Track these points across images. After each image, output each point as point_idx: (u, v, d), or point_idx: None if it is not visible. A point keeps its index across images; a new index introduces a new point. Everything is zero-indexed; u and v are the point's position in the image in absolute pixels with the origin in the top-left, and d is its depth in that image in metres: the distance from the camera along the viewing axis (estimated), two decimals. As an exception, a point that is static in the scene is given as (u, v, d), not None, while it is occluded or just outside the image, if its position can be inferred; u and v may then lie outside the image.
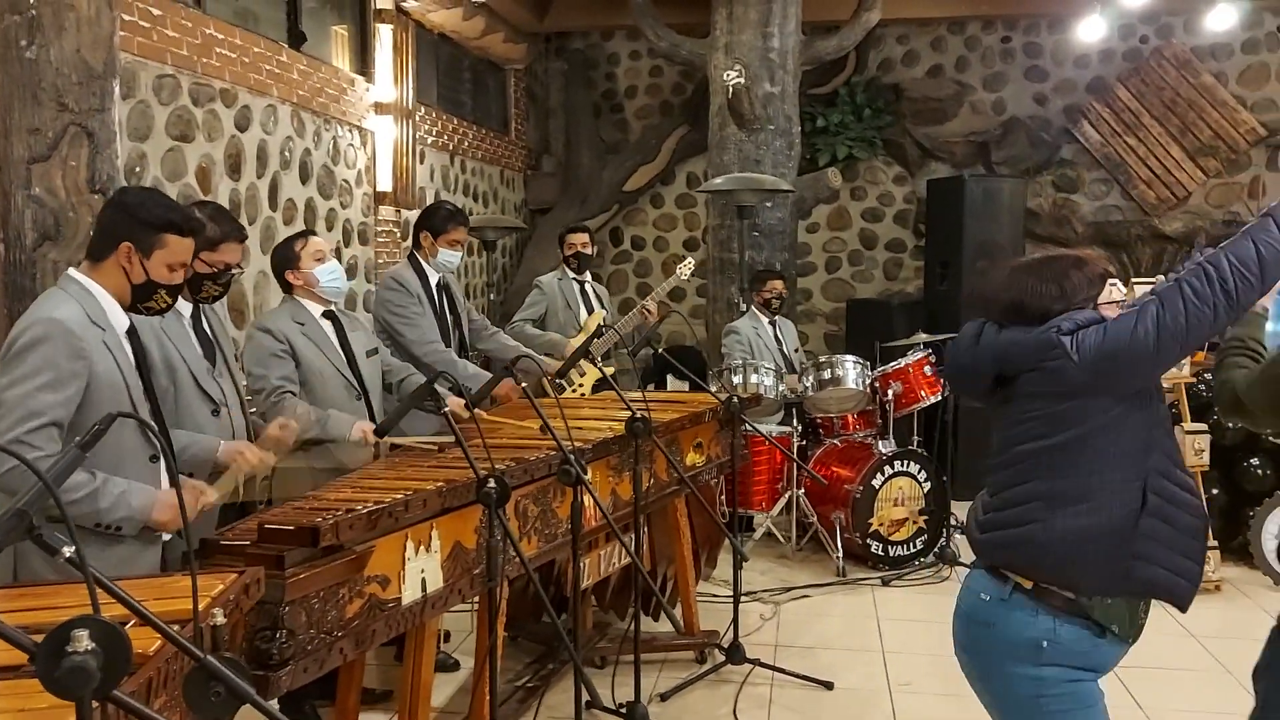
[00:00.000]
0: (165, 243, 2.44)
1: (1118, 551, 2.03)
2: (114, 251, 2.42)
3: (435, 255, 4.31)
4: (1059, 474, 2.08)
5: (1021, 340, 2.13)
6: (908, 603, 4.99)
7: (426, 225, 4.33)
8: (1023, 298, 2.16)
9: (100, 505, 2.29)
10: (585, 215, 8.74)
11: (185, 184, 4.67)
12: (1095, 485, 2.05)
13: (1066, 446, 2.07)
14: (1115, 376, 2.04)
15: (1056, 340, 2.06)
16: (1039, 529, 2.09)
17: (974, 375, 2.25)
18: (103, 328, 2.39)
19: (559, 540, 3.18)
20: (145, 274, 2.44)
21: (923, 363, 5.62)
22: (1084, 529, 2.04)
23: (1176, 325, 1.97)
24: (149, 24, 4.34)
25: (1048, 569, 2.10)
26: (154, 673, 1.44)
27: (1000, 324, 2.20)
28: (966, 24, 8.90)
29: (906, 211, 9.15)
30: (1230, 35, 8.28)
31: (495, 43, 8.09)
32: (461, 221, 4.34)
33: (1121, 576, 2.05)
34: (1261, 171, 8.44)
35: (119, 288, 2.45)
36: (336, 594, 2.28)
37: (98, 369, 2.34)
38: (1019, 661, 2.11)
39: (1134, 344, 1.99)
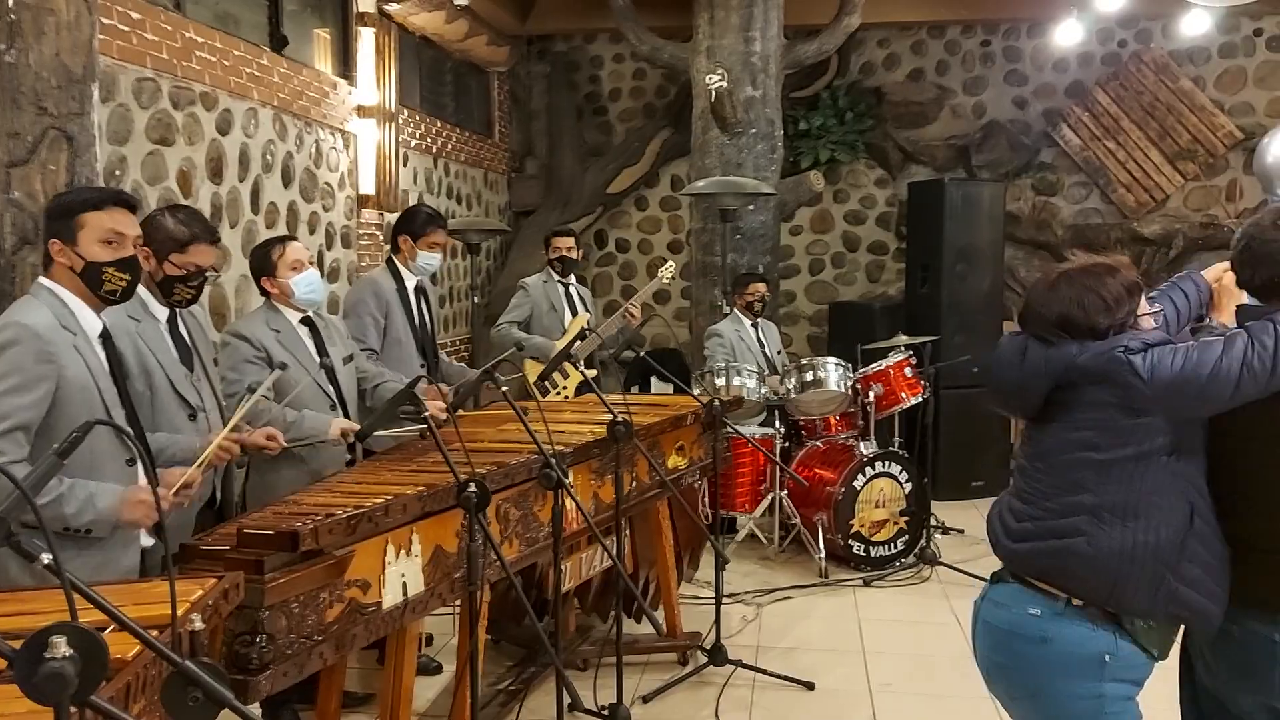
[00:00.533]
0: (83, 222, 2.45)
1: (1162, 572, 2.02)
2: (51, 255, 2.46)
3: (414, 259, 4.29)
4: (1111, 488, 2.06)
5: (1082, 358, 2.10)
6: (889, 603, 5.02)
7: (405, 229, 4.32)
8: (1069, 311, 2.14)
9: (65, 510, 2.29)
10: (569, 218, 8.75)
11: (166, 187, 4.65)
12: (1148, 504, 2.03)
13: (1124, 462, 2.05)
14: (1185, 404, 2.02)
15: (1125, 359, 2.04)
16: (1083, 542, 2.06)
17: (1025, 393, 2.21)
18: (73, 332, 2.40)
19: (540, 543, 3.19)
20: (81, 259, 2.44)
21: (903, 364, 5.66)
22: (1133, 546, 2.03)
23: (1262, 367, 1.96)
24: (128, 27, 4.33)
25: (1089, 584, 2.07)
26: (132, 678, 1.45)
27: (1045, 339, 2.17)
28: (947, 28, 8.95)
29: (888, 214, 9.19)
30: (1207, 40, 8.35)
31: (478, 46, 8.09)
32: (440, 224, 4.33)
33: (1166, 598, 2.03)
34: (1239, 175, 8.52)
35: (75, 286, 2.46)
36: (316, 598, 2.28)
37: (67, 373, 2.34)
38: (1078, 678, 2.08)
39: (1214, 378, 1.97)
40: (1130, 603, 2.06)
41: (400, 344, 4.24)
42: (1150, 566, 2.02)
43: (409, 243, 4.28)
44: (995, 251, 7.18)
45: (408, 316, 4.28)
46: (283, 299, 3.55)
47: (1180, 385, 1.99)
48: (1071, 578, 2.10)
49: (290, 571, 2.21)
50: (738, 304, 6.04)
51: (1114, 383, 2.05)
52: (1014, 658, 2.18)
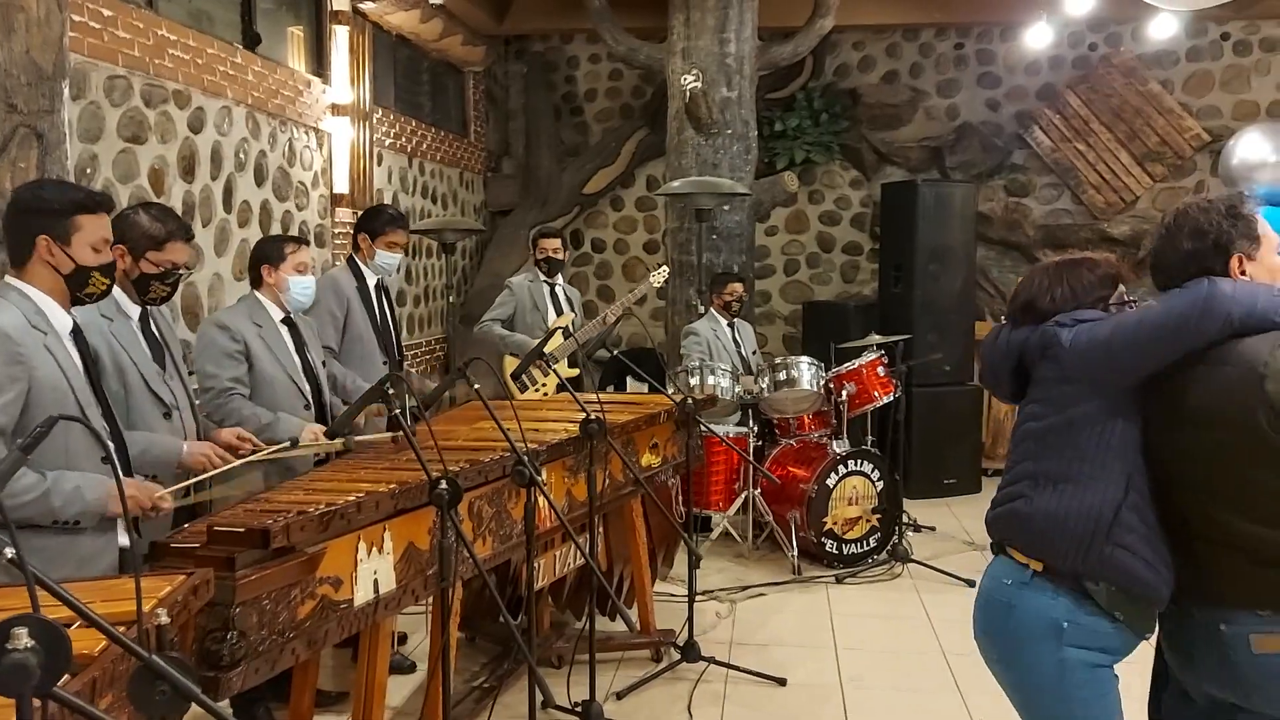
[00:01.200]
0: (79, 224, 2.43)
1: (1094, 533, 2.10)
2: (33, 250, 2.40)
3: (373, 257, 4.32)
4: (1047, 455, 2.19)
5: (1029, 336, 2.26)
6: (861, 599, 5.06)
7: (365, 227, 4.36)
8: (1033, 297, 2.29)
9: (54, 504, 2.30)
10: (546, 218, 8.76)
11: (138, 185, 4.63)
12: (1078, 471, 2.14)
13: (1057, 429, 2.18)
14: (1099, 369, 2.13)
15: (1054, 332, 2.19)
16: (1023, 504, 2.21)
17: (996, 375, 2.38)
18: (44, 331, 2.38)
19: (514, 541, 3.20)
20: (72, 261, 2.43)
21: (876, 364, 5.71)
22: (1062, 508, 2.14)
23: (1168, 330, 2.05)
24: (100, 25, 4.31)
25: (1026, 543, 2.21)
26: (99, 673, 1.46)
27: (1015, 323, 2.32)
28: (920, 31, 9.01)
29: (863, 215, 9.25)
30: (1175, 44, 8.46)
31: (454, 45, 8.09)
32: (400, 224, 4.35)
33: (1098, 560, 2.10)
34: (1206, 176, 8.63)
35: (53, 284, 2.43)
36: (288, 595, 2.29)
37: (39, 373, 2.33)
38: (1041, 642, 2.17)
39: (1122, 343, 2.10)
40: (1064, 562, 2.14)
41: (361, 341, 4.26)
42: (1081, 527, 2.12)
43: (368, 241, 4.32)
44: (967, 252, 7.25)
45: (369, 314, 4.30)
46: (272, 292, 3.57)
47: (1092, 350, 2.13)
48: (1016, 537, 2.24)
49: (262, 568, 2.21)
50: (715, 304, 6.07)
51: (1048, 356, 2.21)
52: (989, 623, 2.31)
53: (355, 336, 4.25)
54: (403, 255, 4.43)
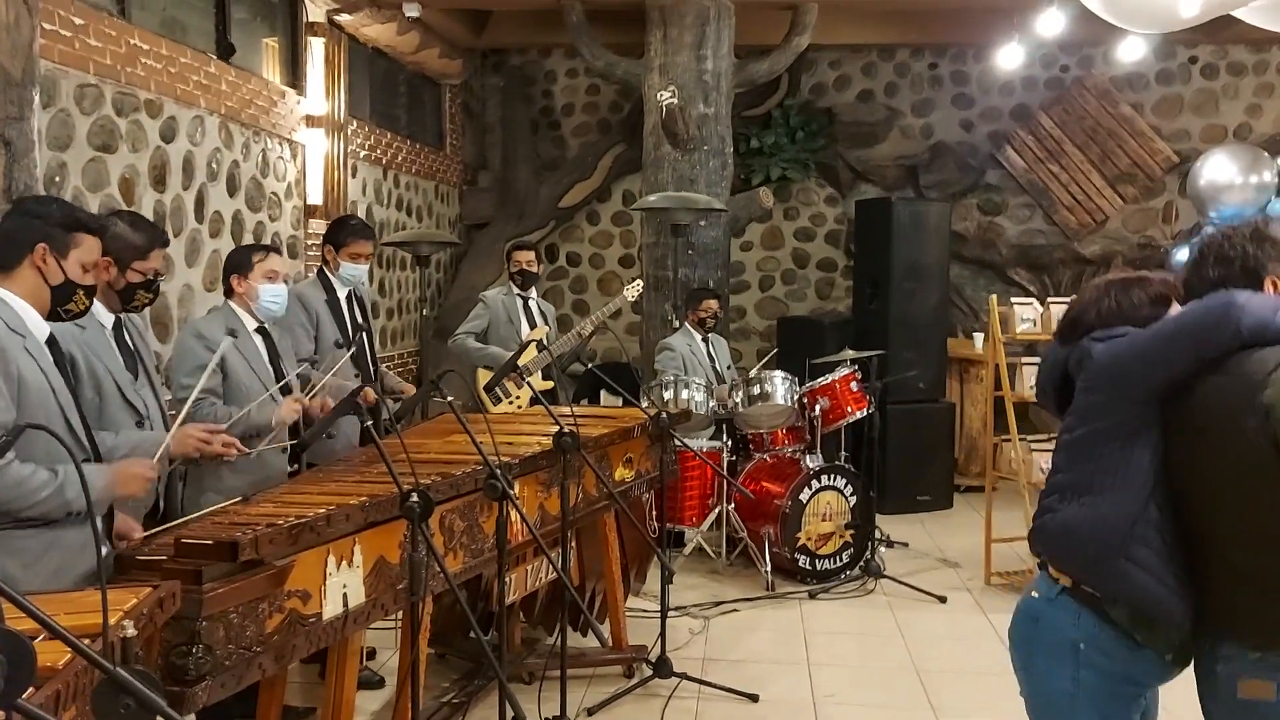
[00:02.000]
0: (80, 242, 2.45)
1: (1108, 548, 2.09)
2: (28, 255, 2.40)
3: (338, 269, 4.30)
4: (1074, 467, 2.21)
5: (1072, 352, 2.26)
6: (834, 615, 5.06)
7: (330, 238, 4.35)
8: (1080, 313, 2.29)
9: (68, 496, 2.30)
10: (522, 231, 8.75)
11: (107, 194, 4.59)
12: (1098, 483, 2.14)
13: (1083, 440, 2.20)
14: (1116, 378, 2.14)
15: (1088, 346, 2.21)
16: (1050, 517, 2.23)
17: (1044, 389, 2.40)
18: (22, 334, 2.36)
19: (485, 555, 3.18)
20: (63, 274, 2.43)
21: (849, 379, 5.72)
22: (1079, 519, 2.15)
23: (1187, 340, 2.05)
24: (70, 32, 4.27)
25: (1050, 555, 2.23)
26: (62, 685, 1.43)
27: (1063, 340, 2.32)
28: (896, 50, 9.10)
29: (837, 232, 9.31)
30: (1146, 67, 8.59)
31: (431, 58, 8.08)
32: (364, 235, 4.32)
33: (1113, 576, 2.09)
34: (1175, 198, 8.75)
35: (35, 293, 2.42)
36: (256, 609, 2.26)
37: (24, 376, 2.31)
38: (1057, 659, 2.17)
39: (1144, 353, 2.11)
40: (1080, 574, 2.15)
41: (333, 354, 4.22)
42: (1094, 539, 2.12)
43: (332, 252, 4.30)
44: (942, 269, 7.30)
45: (339, 326, 4.27)
46: (244, 301, 3.55)
47: (1111, 362, 2.15)
48: (1044, 550, 2.26)
49: (229, 581, 2.19)
50: (690, 319, 6.08)
51: (1082, 369, 2.22)
52: (1018, 634, 2.32)
53: (326, 349, 4.22)
54: (368, 266, 4.41)
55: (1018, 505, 5.49)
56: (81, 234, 2.46)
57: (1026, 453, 5.21)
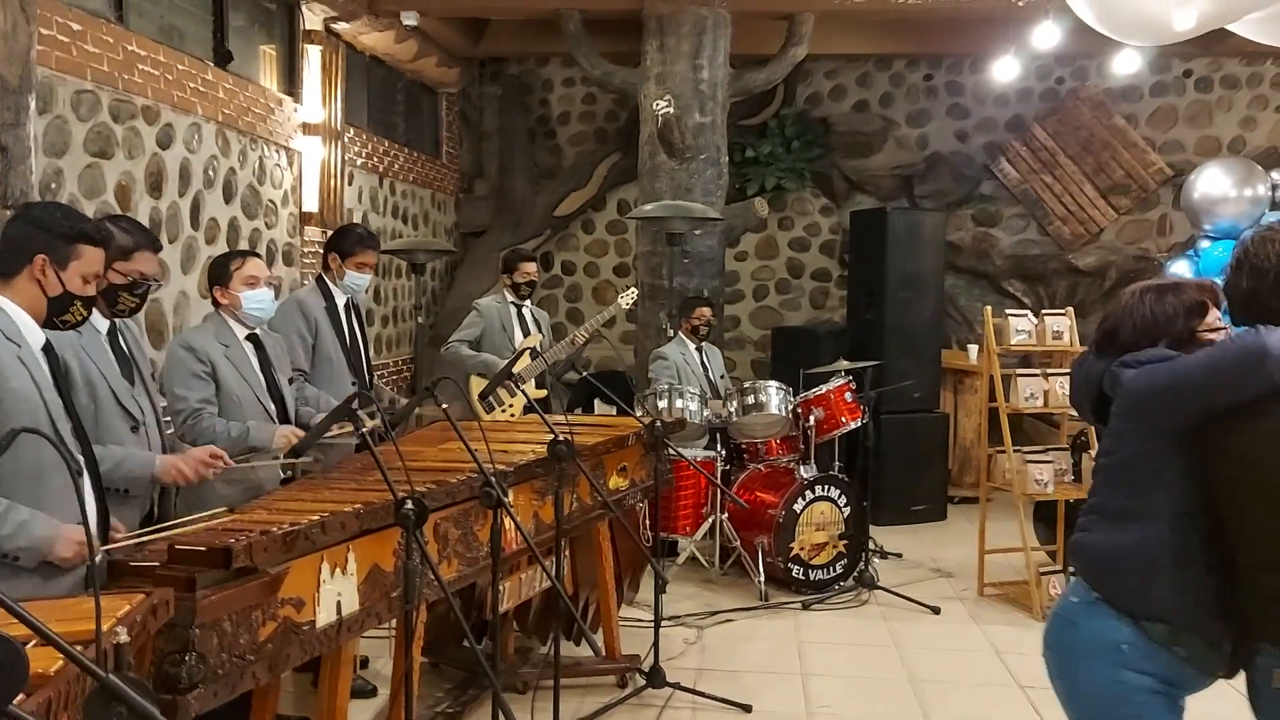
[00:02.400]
0: (80, 253, 2.43)
1: (1146, 574, 2.11)
2: (27, 265, 2.38)
3: (342, 277, 4.30)
4: (1110, 490, 2.24)
5: (1107, 367, 2.25)
6: (828, 626, 5.06)
7: (334, 246, 4.34)
8: (1116, 324, 2.27)
9: (2, 532, 2.22)
10: (518, 240, 8.75)
11: (103, 201, 4.59)
12: (1133, 509, 2.16)
13: (1117, 466, 2.21)
14: (1148, 409, 2.14)
15: (1118, 372, 2.20)
16: (1086, 537, 2.26)
17: (1080, 399, 2.40)
18: (17, 344, 2.35)
19: (480, 564, 3.17)
20: (61, 286, 2.42)
21: (843, 389, 5.73)
22: (1116, 546, 2.16)
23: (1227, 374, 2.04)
24: (68, 39, 4.27)
25: (1085, 573, 2.24)
26: (54, 693, 1.42)
27: (1099, 351, 2.31)
28: (892, 61, 9.14)
29: (832, 242, 9.33)
30: (1140, 79, 8.63)
31: (428, 66, 8.09)
32: (370, 245, 4.33)
33: (1153, 600, 2.11)
34: (1169, 210, 8.79)
35: (33, 303, 2.41)
36: (249, 617, 2.25)
37: (12, 385, 2.30)
38: (1099, 661, 2.17)
39: (1178, 386, 2.09)
40: (1118, 599, 2.16)
41: (331, 362, 4.23)
42: (1132, 565, 2.13)
43: (338, 261, 4.30)
44: (936, 279, 7.31)
45: (338, 334, 4.27)
46: (231, 311, 3.55)
47: (1144, 394, 2.14)
48: (1079, 567, 2.28)
49: (223, 589, 2.18)
50: (683, 328, 6.08)
51: (1116, 394, 2.22)
52: (1055, 638, 2.32)
53: (324, 357, 4.22)
54: (372, 275, 4.41)
55: (1011, 516, 5.49)
56: (83, 245, 2.44)
57: (1021, 464, 5.21)
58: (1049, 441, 6.49)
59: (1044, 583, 5.14)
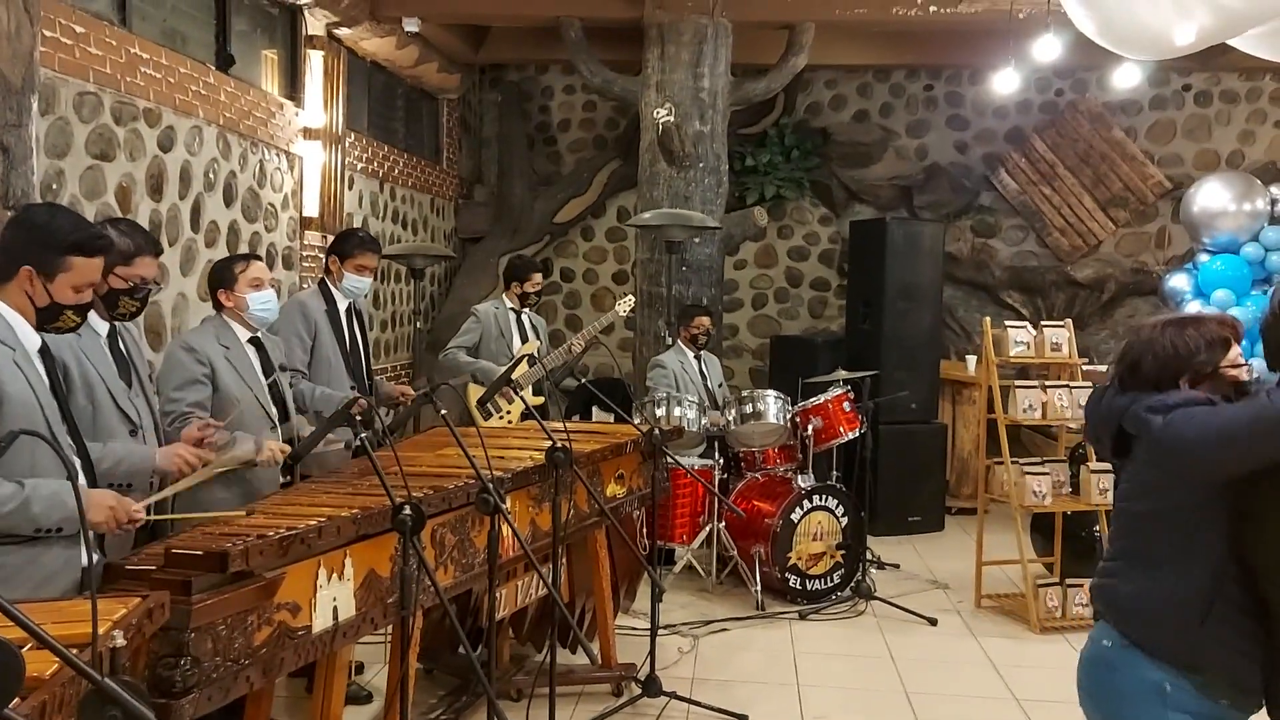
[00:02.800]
0: (69, 265, 2.40)
1: (1187, 627, 2.08)
2: (14, 274, 2.37)
3: (341, 280, 4.30)
4: (1139, 536, 2.19)
5: (1125, 409, 2.19)
6: (824, 636, 5.05)
7: (335, 249, 4.35)
8: (1137, 359, 2.22)
9: (34, 511, 2.26)
10: (517, 246, 8.76)
11: (104, 203, 4.58)
12: (1169, 558, 2.12)
13: (1149, 514, 2.17)
14: (1182, 463, 2.09)
15: (1146, 419, 2.13)
16: (1117, 581, 2.21)
17: (1097, 433, 2.34)
18: (12, 347, 2.35)
19: (476, 570, 3.17)
20: (49, 297, 2.40)
21: (842, 399, 5.73)
22: (1153, 595, 2.13)
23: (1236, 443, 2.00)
24: (71, 41, 4.27)
25: (1117, 620, 2.19)
26: (49, 696, 1.42)
27: (1120, 386, 2.25)
28: (892, 72, 9.16)
29: (831, 251, 9.34)
30: (1139, 93, 8.65)
31: (429, 72, 8.10)
32: (371, 248, 4.33)
33: (1195, 652, 2.08)
34: (1168, 223, 8.80)
35: (24, 306, 2.40)
36: (245, 621, 2.25)
37: (9, 389, 2.29)
38: (1145, 703, 2.13)
39: (1219, 441, 2.03)
40: (1154, 646, 2.13)
41: (330, 365, 4.22)
42: (1172, 617, 2.10)
43: (337, 263, 4.30)
44: (935, 290, 7.32)
45: (338, 337, 4.26)
46: (235, 314, 3.55)
47: (1177, 447, 2.08)
48: (1109, 613, 2.23)
49: (219, 593, 2.17)
50: (682, 336, 6.08)
51: (1140, 438, 2.15)
52: (1091, 684, 2.28)
53: (322, 360, 4.22)
54: (372, 279, 4.41)
55: (1009, 528, 5.49)
56: (74, 257, 2.40)
57: (1019, 476, 5.21)
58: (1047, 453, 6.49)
59: (1041, 595, 5.14)
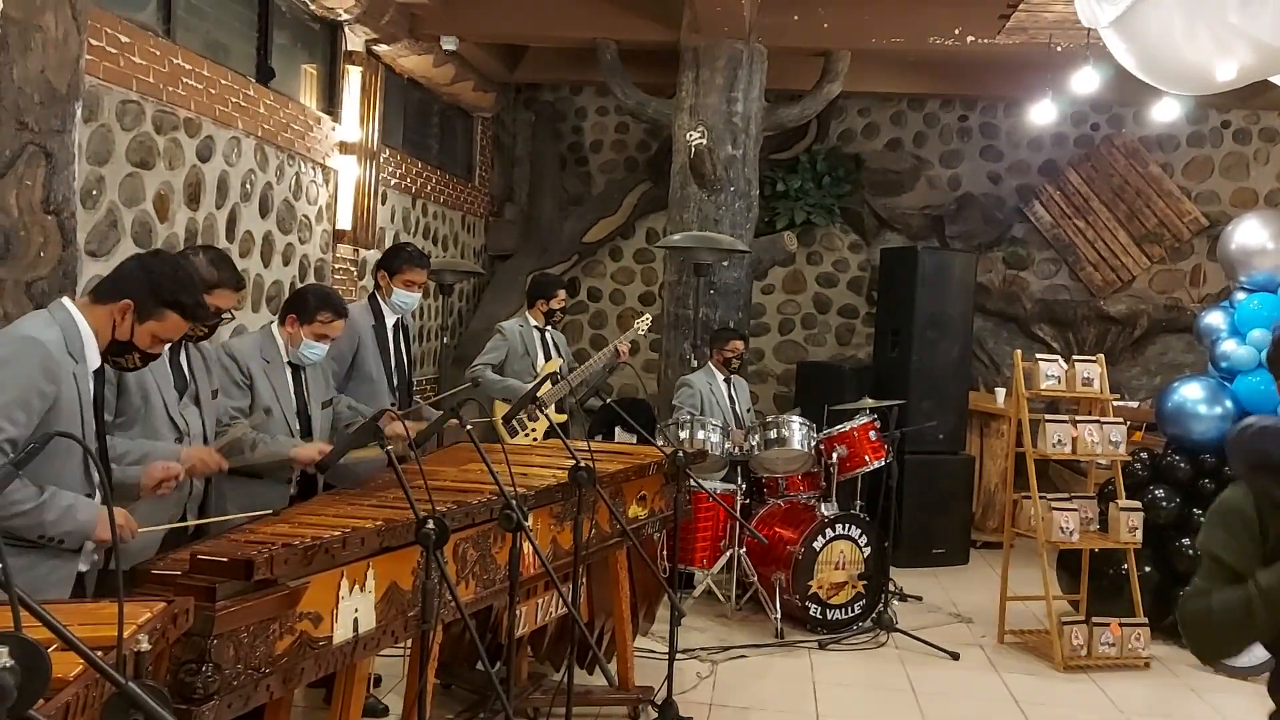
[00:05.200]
0: (164, 317, 2.49)
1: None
2: (115, 301, 2.45)
3: (390, 295, 4.32)
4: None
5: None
6: (844, 667, 4.99)
7: (384, 264, 4.37)
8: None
9: (46, 518, 2.31)
10: (545, 264, 8.79)
11: (142, 210, 4.64)
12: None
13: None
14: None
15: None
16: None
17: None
18: (76, 359, 2.42)
19: (496, 586, 3.16)
20: (130, 334, 2.48)
21: (868, 427, 5.69)
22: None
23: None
24: (116, 50, 4.34)
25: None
26: (72, 698, 1.42)
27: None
28: (926, 101, 9.15)
29: (860, 278, 9.31)
30: (1176, 129, 8.60)
31: (465, 90, 8.17)
32: (419, 264, 4.35)
33: None
34: (1203, 260, 8.72)
35: (101, 333, 2.48)
36: (267, 629, 2.25)
37: (63, 397, 2.35)
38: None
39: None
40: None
41: (371, 380, 4.23)
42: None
43: (385, 279, 4.32)
44: (965, 321, 7.27)
45: (383, 353, 4.28)
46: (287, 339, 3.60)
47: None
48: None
49: (242, 600, 2.18)
50: (714, 359, 6.07)
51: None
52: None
53: (365, 376, 4.22)
54: (419, 294, 4.43)
55: (1034, 563, 5.42)
56: (172, 312, 2.49)
57: (1046, 510, 5.15)
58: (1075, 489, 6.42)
59: (1066, 632, 5.06)
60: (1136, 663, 5.04)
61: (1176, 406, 5.63)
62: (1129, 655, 5.07)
